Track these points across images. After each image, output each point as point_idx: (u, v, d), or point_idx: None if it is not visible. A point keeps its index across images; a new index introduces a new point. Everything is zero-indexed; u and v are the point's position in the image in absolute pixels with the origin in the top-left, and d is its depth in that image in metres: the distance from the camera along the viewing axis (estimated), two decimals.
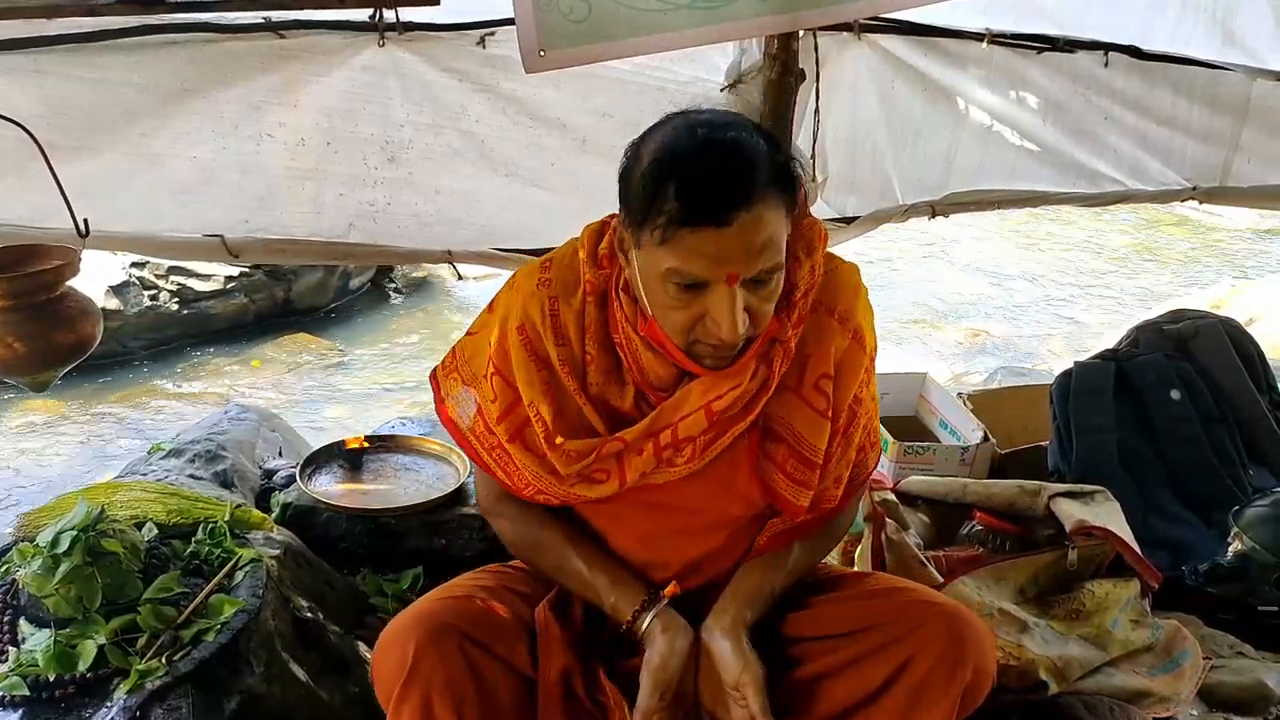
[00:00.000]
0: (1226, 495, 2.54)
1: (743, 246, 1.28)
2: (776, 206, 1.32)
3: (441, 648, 1.38)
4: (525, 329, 1.48)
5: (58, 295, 1.72)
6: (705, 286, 1.31)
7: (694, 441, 1.44)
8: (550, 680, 1.45)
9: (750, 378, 1.43)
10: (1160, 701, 1.96)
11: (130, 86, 2.34)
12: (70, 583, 1.69)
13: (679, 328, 1.36)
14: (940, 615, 1.48)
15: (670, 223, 1.28)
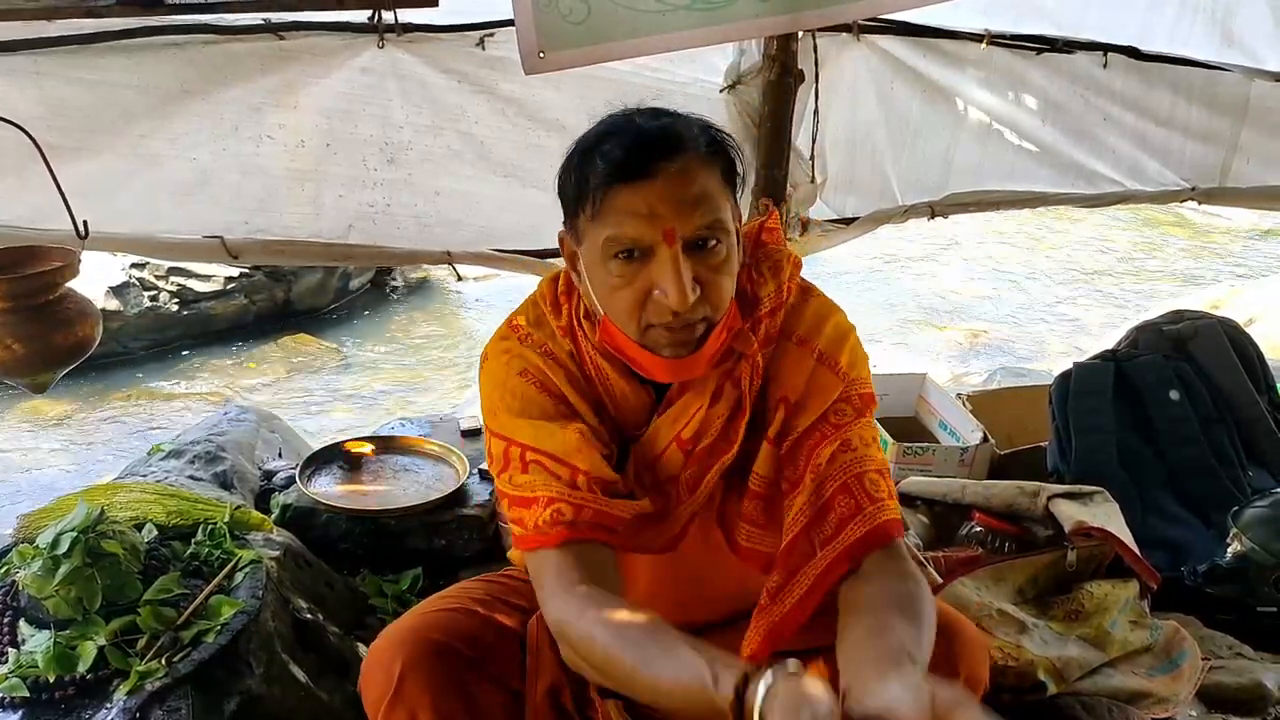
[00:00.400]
0: (1225, 496, 2.55)
1: (672, 199, 1.23)
2: (708, 167, 1.28)
3: (427, 666, 1.35)
4: (529, 373, 1.39)
5: (57, 297, 1.72)
6: (647, 256, 1.25)
7: (676, 482, 1.37)
8: (538, 697, 1.44)
9: (713, 401, 1.34)
10: (1159, 702, 1.96)
11: (130, 88, 2.35)
12: (70, 584, 1.69)
13: (629, 310, 1.27)
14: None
15: (599, 188, 1.24)
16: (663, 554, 1.42)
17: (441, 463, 2.48)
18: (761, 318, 1.38)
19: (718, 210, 1.27)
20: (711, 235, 1.26)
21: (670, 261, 1.23)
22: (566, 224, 1.36)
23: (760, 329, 1.38)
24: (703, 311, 1.27)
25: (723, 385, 1.36)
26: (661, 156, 1.24)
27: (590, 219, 1.27)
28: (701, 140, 1.29)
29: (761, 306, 1.39)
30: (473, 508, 2.35)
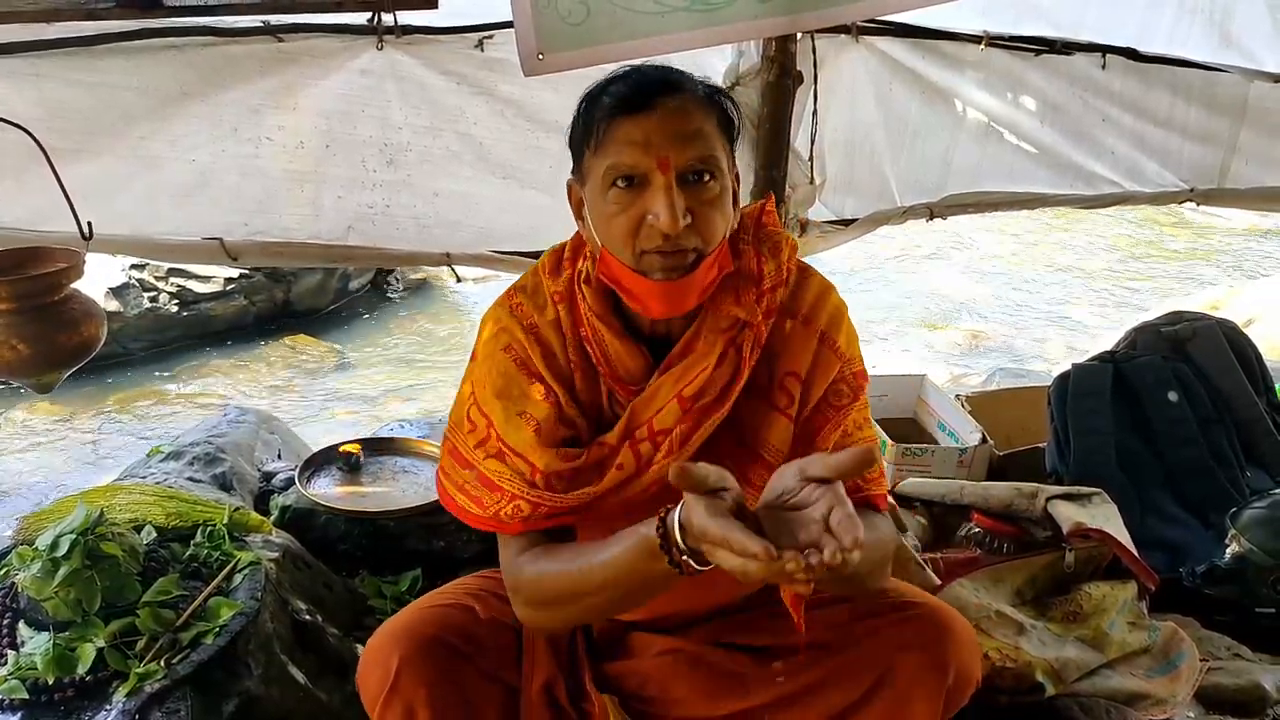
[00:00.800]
0: (1224, 497, 2.54)
1: (669, 130, 1.31)
2: (705, 110, 1.36)
3: (424, 660, 1.37)
4: (513, 348, 1.47)
5: (62, 298, 1.72)
6: (644, 185, 1.32)
7: (670, 434, 1.42)
8: (533, 692, 1.45)
9: (718, 363, 1.41)
10: (1157, 703, 1.96)
11: (129, 90, 2.35)
12: (69, 586, 1.69)
13: (624, 236, 1.34)
14: (920, 617, 1.47)
15: (602, 121, 1.34)
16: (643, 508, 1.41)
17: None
18: (764, 292, 1.45)
19: (712, 148, 1.35)
20: (705, 169, 1.34)
21: (664, 188, 1.31)
22: (574, 170, 1.43)
23: (763, 302, 1.45)
24: (693, 241, 1.34)
25: (728, 350, 1.42)
26: (661, 93, 1.33)
27: (594, 152, 1.35)
28: (700, 88, 1.39)
29: (764, 282, 1.46)
30: None
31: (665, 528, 1.19)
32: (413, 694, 1.36)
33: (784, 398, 1.48)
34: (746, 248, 1.48)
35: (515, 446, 1.43)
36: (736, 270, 1.45)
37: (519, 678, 1.45)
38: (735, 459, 1.45)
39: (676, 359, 1.43)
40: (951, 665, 1.43)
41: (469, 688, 1.40)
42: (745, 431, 1.47)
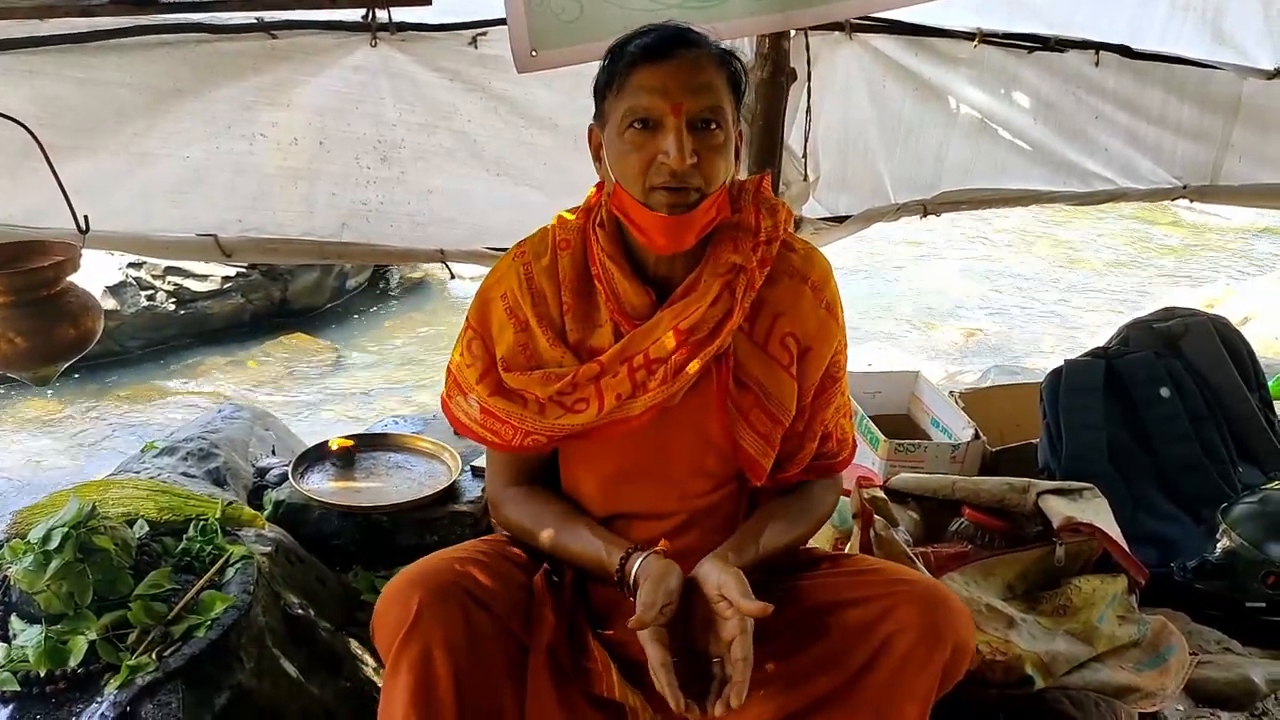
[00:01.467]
0: (1215, 492, 2.55)
1: (685, 79, 1.45)
2: (718, 68, 1.50)
3: (443, 604, 1.42)
4: (508, 296, 1.62)
5: (59, 290, 1.74)
6: (657, 129, 1.46)
7: (665, 364, 1.54)
8: (539, 648, 1.49)
9: (713, 303, 1.54)
10: (1147, 696, 1.96)
11: (123, 86, 2.35)
12: (61, 579, 1.70)
13: (637, 172, 1.48)
14: (917, 593, 1.51)
15: (625, 68, 1.48)
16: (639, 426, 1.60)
17: (434, 460, 2.49)
18: (759, 243, 1.58)
19: (720, 100, 1.48)
20: (712, 118, 1.47)
21: (675, 130, 1.45)
22: (595, 114, 1.57)
23: (759, 251, 1.58)
24: (696, 180, 1.47)
25: (722, 293, 1.55)
26: (679, 45, 1.48)
27: (615, 96, 1.50)
28: (714, 47, 1.52)
29: (760, 234, 1.59)
30: (465, 504, 2.35)
31: (621, 574, 1.50)
32: (431, 634, 1.40)
33: (784, 354, 1.62)
34: (747, 204, 1.61)
35: (509, 382, 1.60)
36: (737, 223, 1.59)
37: (527, 634, 1.50)
38: (734, 399, 1.61)
39: (679, 297, 1.56)
40: (948, 637, 1.47)
41: (483, 636, 1.44)
42: (743, 374, 1.61)
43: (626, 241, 1.59)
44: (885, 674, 1.47)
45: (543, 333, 1.59)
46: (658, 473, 1.63)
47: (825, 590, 1.58)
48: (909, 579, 1.58)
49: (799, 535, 1.67)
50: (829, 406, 1.70)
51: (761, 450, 1.61)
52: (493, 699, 1.46)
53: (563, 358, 1.58)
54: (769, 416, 1.61)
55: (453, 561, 1.52)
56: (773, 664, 1.55)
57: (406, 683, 1.40)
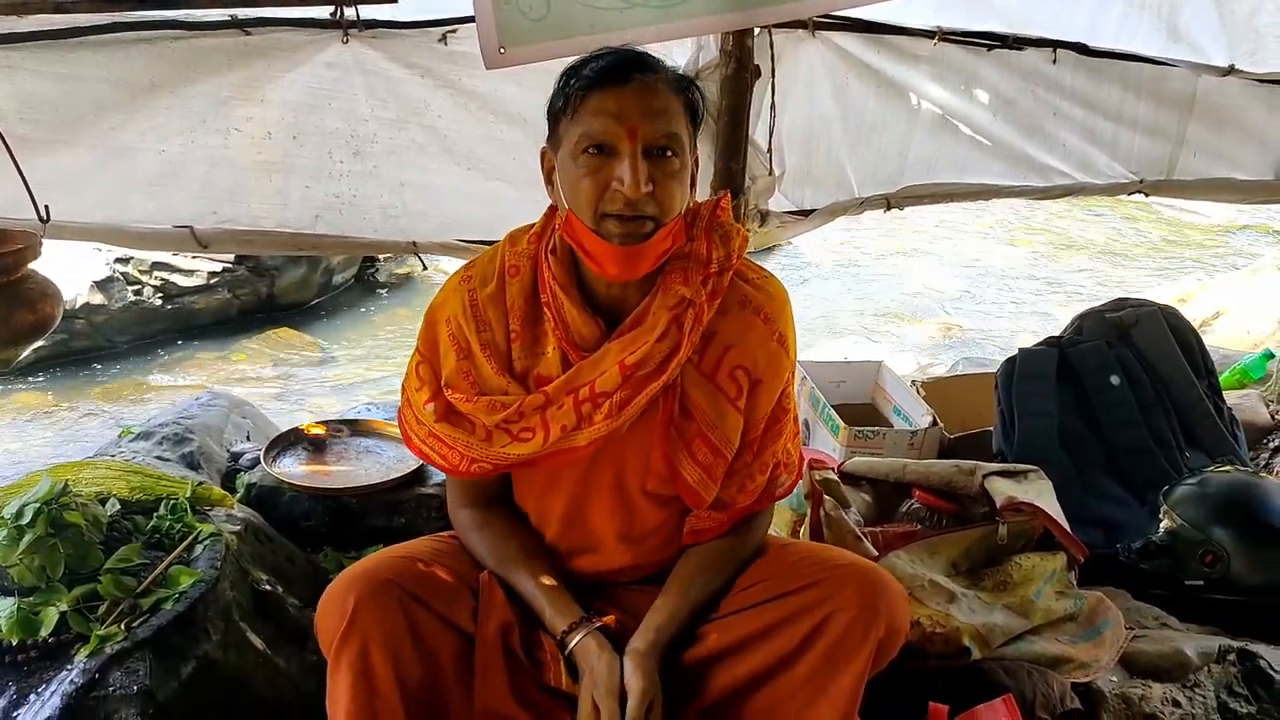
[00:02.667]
0: (1162, 476, 2.63)
1: (641, 105, 1.45)
2: (674, 93, 1.50)
3: (380, 602, 1.46)
4: (451, 322, 1.62)
5: (19, 277, 1.80)
6: (611, 154, 1.45)
7: (610, 398, 1.54)
8: (488, 635, 1.53)
9: (660, 338, 1.54)
10: (1080, 667, 2.04)
11: (100, 82, 2.42)
12: (33, 553, 1.77)
13: (590, 198, 1.47)
14: (854, 575, 1.57)
15: (580, 91, 1.47)
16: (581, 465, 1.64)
17: (403, 445, 2.55)
18: (710, 275, 1.58)
19: (676, 127, 1.48)
20: (668, 145, 1.47)
21: (630, 156, 1.44)
22: (549, 137, 1.57)
23: (709, 284, 1.58)
24: (651, 209, 1.47)
25: (670, 327, 1.55)
26: (636, 70, 1.48)
27: (570, 120, 1.49)
28: (671, 73, 1.53)
29: (711, 266, 1.59)
30: (431, 487, 2.42)
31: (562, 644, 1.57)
32: (368, 633, 1.44)
33: (732, 386, 1.63)
34: (699, 234, 1.61)
35: (460, 408, 1.61)
36: (689, 253, 1.58)
37: (474, 626, 1.54)
38: (677, 427, 1.61)
39: (627, 329, 1.57)
40: (883, 616, 1.53)
41: (424, 631, 1.48)
42: (689, 403, 1.62)
43: (578, 269, 1.58)
44: (823, 649, 1.53)
45: (487, 360, 1.59)
46: (603, 497, 1.66)
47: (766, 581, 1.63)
48: (848, 561, 1.63)
49: (728, 579, 1.68)
50: (780, 438, 1.71)
51: (701, 480, 1.62)
52: (438, 692, 1.50)
53: (508, 386, 1.59)
54: (711, 449, 1.62)
55: (394, 560, 1.56)
56: (715, 635, 1.62)
57: (347, 680, 1.45)
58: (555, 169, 1.56)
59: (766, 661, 1.57)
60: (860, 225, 3.01)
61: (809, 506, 2.24)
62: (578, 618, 1.58)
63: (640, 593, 1.70)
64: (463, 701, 1.52)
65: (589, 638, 1.56)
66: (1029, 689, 1.90)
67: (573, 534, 1.70)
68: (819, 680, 1.54)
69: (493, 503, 1.73)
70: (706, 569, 1.67)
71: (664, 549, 1.71)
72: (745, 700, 1.59)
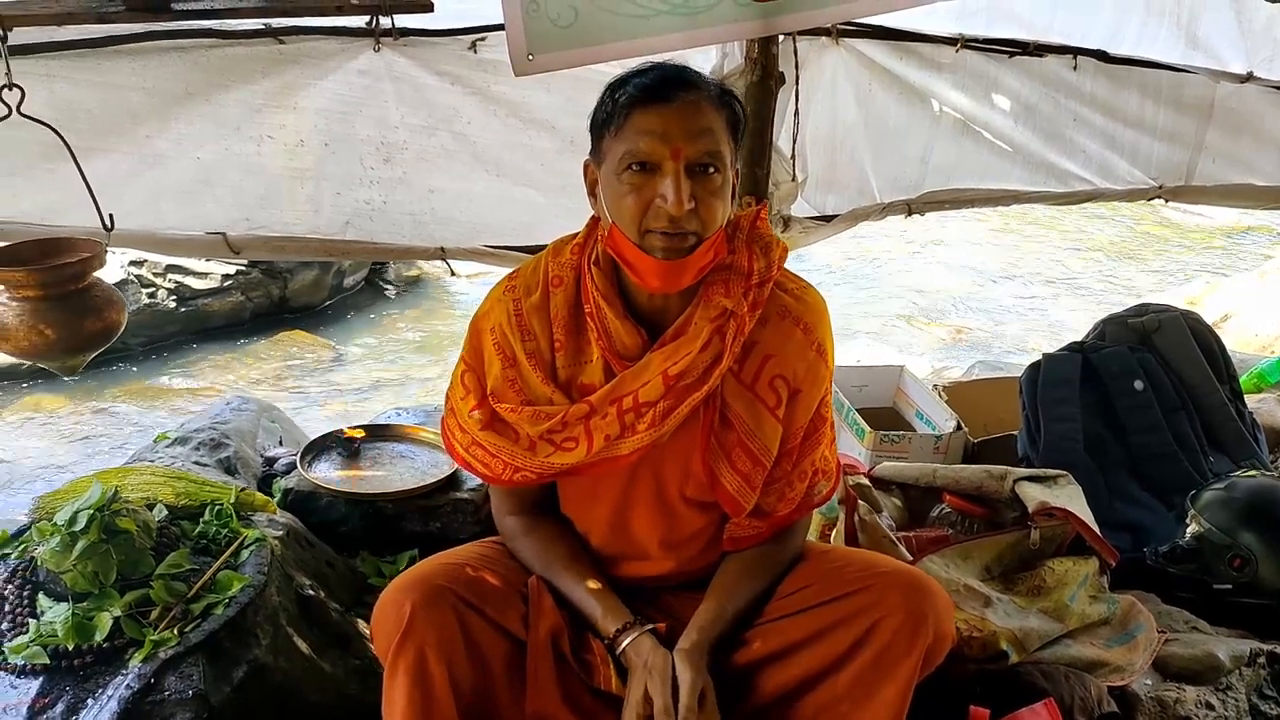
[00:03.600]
0: (1186, 480, 2.65)
1: (685, 124, 1.47)
2: (717, 110, 1.52)
3: (435, 608, 1.49)
4: (495, 331, 1.65)
5: (86, 285, 1.82)
6: (655, 171, 1.48)
7: (654, 408, 1.57)
8: (540, 638, 1.56)
9: (703, 348, 1.56)
10: (1115, 670, 2.07)
11: (136, 90, 2.45)
12: (87, 559, 1.79)
13: (633, 215, 1.49)
14: (901, 581, 1.58)
15: (625, 108, 1.50)
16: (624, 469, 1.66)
17: (436, 449, 2.58)
18: (751, 287, 1.60)
19: (719, 144, 1.50)
20: (711, 163, 1.49)
21: (674, 175, 1.47)
22: (592, 151, 1.59)
23: (750, 295, 1.60)
24: (694, 225, 1.49)
25: (712, 337, 1.57)
26: (680, 89, 1.50)
27: (614, 136, 1.51)
28: (713, 88, 1.55)
29: (753, 278, 1.61)
30: (466, 492, 2.44)
31: (612, 644, 1.59)
32: (424, 639, 1.46)
33: (772, 396, 1.64)
34: (740, 245, 1.63)
35: (505, 416, 1.63)
36: (730, 265, 1.60)
37: (525, 631, 1.56)
38: (717, 436, 1.63)
39: (669, 339, 1.58)
40: (930, 623, 1.54)
41: (477, 636, 1.51)
42: (729, 414, 1.63)
43: (620, 279, 1.60)
44: (871, 655, 1.54)
45: (533, 369, 1.61)
46: (644, 504, 1.68)
47: (811, 587, 1.64)
48: (892, 567, 1.65)
49: (769, 584, 1.69)
50: (818, 447, 1.72)
51: (741, 489, 1.64)
52: (489, 697, 1.52)
53: (553, 394, 1.61)
54: (750, 457, 1.63)
55: (446, 566, 1.59)
56: (760, 642, 1.64)
57: (404, 685, 1.47)
58: (598, 182, 1.58)
59: (813, 667, 1.59)
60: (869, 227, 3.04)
61: (842, 511, 2.26)
62: (628, 620, 1.61)
63: (682, 598, 1.72)
64: (512, 705, 1.55)
65: (642, 637, 1.58)
66: (1067, 693, 1.92)
67: (615, 540, 1.72)
68: (866, 686, 1.55)
69: (538, 509, 1.75)
70: (747, 574, 1.69)
71: (705, 555, 1.74)
72: (792, 705, 1.61)
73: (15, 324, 1.81)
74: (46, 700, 1.69)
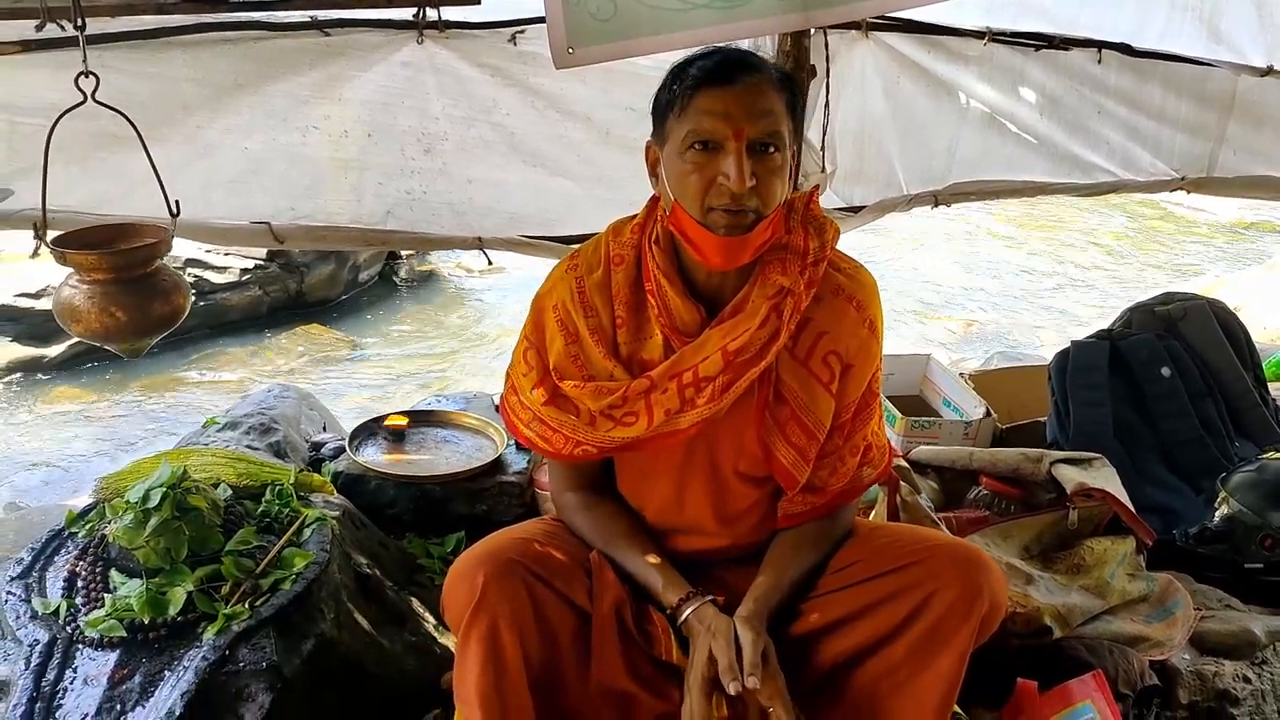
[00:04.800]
0: (1213, 464, 2.71)
1: (747, 105, 1.51)
2: (777, 91, 1.56)
3: (507, 580, 1.53)
4: (559, 308, 1.69)
5: (154, 269, 1.87)
6: (717, 150, 1.52)
7: (713, 382, 1.61)
8: (604, 611, 1.60)
9: (760, 325, 1.61)
10: (1155, 645, 2.12)
11: (187, 81, 2.49)
12: (159, 536, 1.83)
13: (696, 192, 1.53)
14: (955, 554, 1.63)
15: (688, 90, 1.54)
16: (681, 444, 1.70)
17: (479, 435, 2.63)
18: (807, 265, 1.65)
19: (779, 125, 1.54)
20: (771, 142, 1.53)
21: (736, 154, 1.50)
22: (654, 132, 1.63)
23: (805, 274, 1.64)
24: (754, 202, 1.53)
25: (770, 315, 1.62)
26: (741, 71, 1.54)
27: (677, 117, 1.55)
28: (774, 71, 1.59)
29: (808, 256, 1.65)
30: (511, 475, 2.49)
31: (674, 614, 1.63)
32: (497, 609, 1.50)
33: (825, 371, 1.69)
34: (795, 226, 1.67)
35: (569, 393, 1.67)
36: (786, 244, 1.64)
37: (589, 604, 1.60)
38: (771, 411, 1.68)
39: (728, 316, 1.62)
40: (985, 595, 1.58)
41: (546, 609, 1.55)
42: (783, 388, 1.68)
43: (679, 258, 1.65)
44: (926, 626, 1.58)
45: (595, 345, 1.66)
46: (699, 479, 1.72)
47: (864, 561, 1.68)
48: (945, 541, 1.70)
49: (821, 559, 1.73)
50: (869, 421, 1.77)
51: (796, 462, 1.69)
52: (556, 667, 1.57)
53: (614, 369, 1.65)
54: (804, 431, 1.68)
55: (515, 540, 1.63)
56: (817, 614, 1.69)
57: (477, 654, 1.51)
58: (660, 162, 1.61)
59: (869, 637, 1.63)
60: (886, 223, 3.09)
61: (883, 493, 2.31)
62: (689, 591, 1.65)
63: (737, 572, 1.76)
64: (577, 676, 1.59)
65: (705, 605, 1.62)
66: (1111, 666, 1.98)
67: (671, 515, 1.77)
68: (923, 655, 1.60)
69: (597, 485, 1.79)
70: (801, 547, 1.73)
71: (758, 530, 1.78)
72: (848, 675, 1.65)
73: (87, 306, 1.86)
74: (125, 671, 1.74)
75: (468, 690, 1.54)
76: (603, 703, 1.60)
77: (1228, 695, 2.08)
